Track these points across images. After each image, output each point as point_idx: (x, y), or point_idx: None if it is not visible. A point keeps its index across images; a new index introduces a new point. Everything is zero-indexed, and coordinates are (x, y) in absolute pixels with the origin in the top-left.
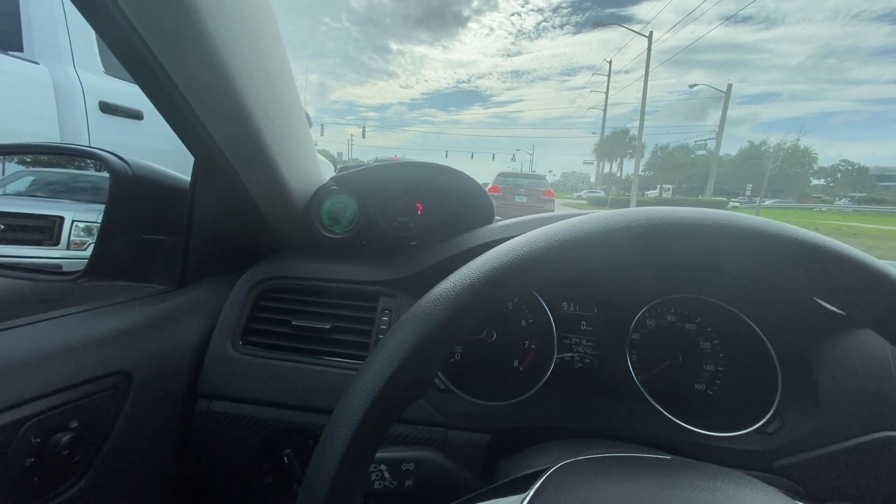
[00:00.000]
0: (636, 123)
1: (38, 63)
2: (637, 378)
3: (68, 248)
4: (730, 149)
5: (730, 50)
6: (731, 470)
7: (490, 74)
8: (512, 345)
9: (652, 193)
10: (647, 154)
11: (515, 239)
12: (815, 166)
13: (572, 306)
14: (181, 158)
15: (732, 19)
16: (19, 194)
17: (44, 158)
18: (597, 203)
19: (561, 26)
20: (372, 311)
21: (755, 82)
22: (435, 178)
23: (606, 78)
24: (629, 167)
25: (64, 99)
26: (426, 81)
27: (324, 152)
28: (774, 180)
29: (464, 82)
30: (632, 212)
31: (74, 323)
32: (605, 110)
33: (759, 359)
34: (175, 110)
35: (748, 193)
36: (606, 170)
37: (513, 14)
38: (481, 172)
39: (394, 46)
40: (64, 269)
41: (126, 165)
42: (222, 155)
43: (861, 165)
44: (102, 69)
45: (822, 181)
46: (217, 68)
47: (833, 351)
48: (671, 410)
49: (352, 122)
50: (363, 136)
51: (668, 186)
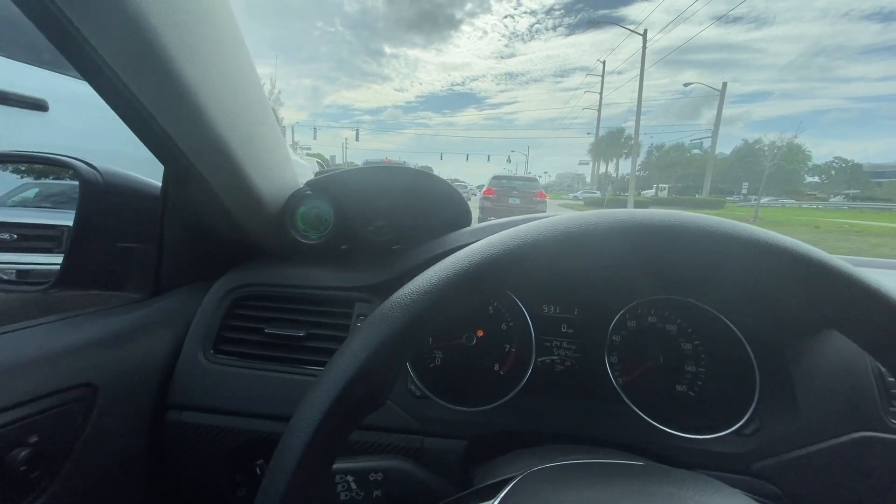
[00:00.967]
0: (631, 123)
1: None
2: (617, 380)
3: None
4: (724, 147)
5: (721, 50)
6: (701, 476)
7: (484, 76)
8: (493, 349)
9: (648, 193)
10: (643, 154)
11: (474, 244)
12: (810, 164)
13: (552, 308)
14: (109, 159)
15: (724, 19)
16: (26, 205)
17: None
18: (593, 203)
19: (554, 28)
20: (347, 318)
21: (747, 81)
22: (410, 183)
23: (600, 78)
24: (625, 167)
25: None
26: (420, 84)
27: (318, 156)
28: (770, 178)
29: (458, 85)
30: (604, 214)
31: (38, 335)
32: (600, 111)
33: (738, 360)
34: (138, 119)
35: (744, 192)
36: (602, 170)
37: (506, 16)
38: (476, 174)
39: (388, 50)
40: (33, 280)
41: (96, 173)
42: (190, 163)
43: (854, 162)
44: None
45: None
46: (173, 77)
47: (810, 352)
48: (651, 413)
49: (346, 126)
50: (356, 139)
51: (665, 186)
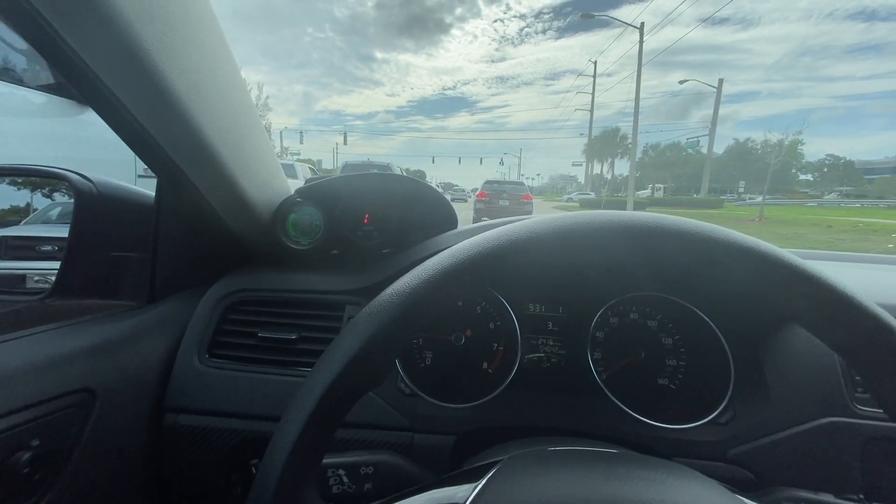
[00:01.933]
0: (625, 123)
1: None
2: (600, 375)
3: None
4: (716, 147)
5: (709, 51)
6: (674, 463)
7: (475, 80)
8: (481, 347)
9: (643, 194)
10: (638, 153)
11: (457, 245)
12: (803, 161)
13: (538, 307)
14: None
15: (710, 21)
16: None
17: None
18: (589, 205)
19: (543, 31)
20: (338, 321)
21: (735, 82)
22: (397, 188)
23: (591, 79)
24: (621, 167)
25: None
26: (412, 89)
27: (308, 161)
28: (763, 176)
29: (449, 89)
30: (581, 216)
31: (38, 342)
32: (592, 111)
33: (715, 352)
34: (129, 130)
35: (741, 190)
36: (597, 171)
37: (496, 20)
38: (469, 177)
39: (379, 55)
40: (31, 289)
41: (90, 184)
42: (181, 172)
43: (847, 159)
44: None
45: (809, 176)
46: (161, 88)
47: (780, 344)
48: (634, 405)
49: (339, 131)
50: (344, 143)
51: (661, 186)
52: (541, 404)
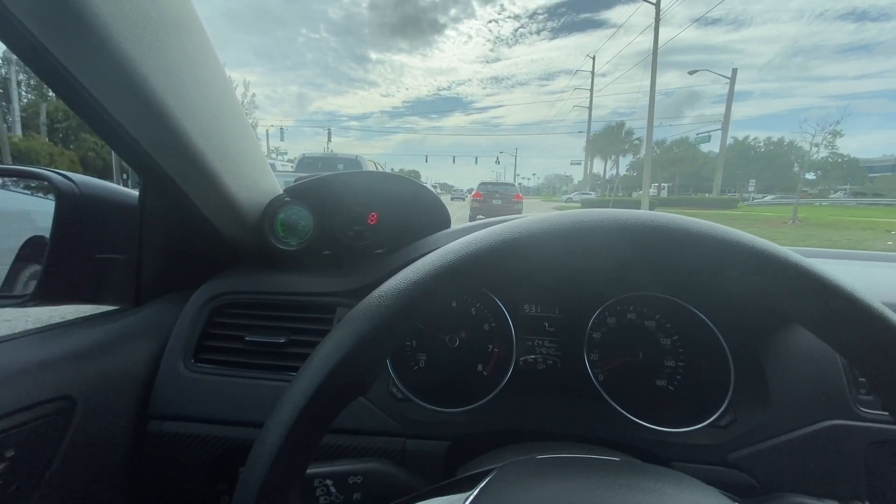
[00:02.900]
0: (631, 119)
1: None
2: (597, 377)
3: None
4: (714, 146)
5: (701, 51)
6: (675, 472)
7: (470, 81)
8: (476, 349)
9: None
10: (642, 150)
11: (448, 245)
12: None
13: (534, 308)
14: None
15: (702, 21)
16: None
17: None
18: (591, 206)
19: (538, 32)
20: (328, 323)
21: (727, 82)
22: (388, 187)
23: (587, 77)
24: (625, 165)
25: None
26: (407, 89)
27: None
28: (764, 175)
29: (444, 89)
30: (568, 215)
31: (16, 347)
32: (591, 107)
33: (714, 353)
34: (109, 131)
35: (751, 189)
36: (597, 169)
37: (490, 21)
38: (465, 178)
39: (373, 56)
40: (12, 294)
41: (72, 184)
42: (164, 173)
43: (851, 157)
44: None
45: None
46: (141, 88)
47: (781, 345)
48: (631, 408)
49: (333, 133)
50: (329, 140)
51: (665, 185)
52: (537, 407)
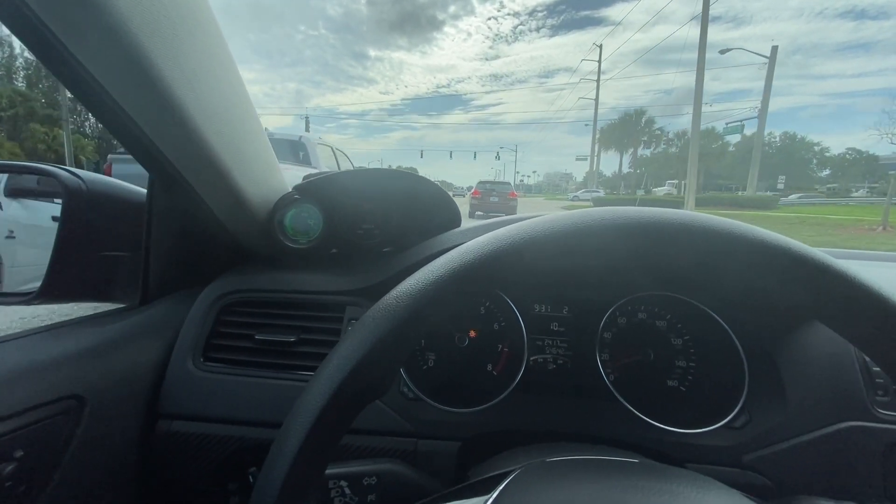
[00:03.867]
0: (650, 107)
1: None
2: (608, 377)
3: None
4: (734, 138)
5: (701, 49)
6: (695, 473)
7: (469, 79)
8: (485, 349)
9: (661, 191)
10: (661, 144)
11: (466, 244)
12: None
13: (544, 307)
14: None
15: (702, 19)
16: None
17: None
18: (604, 205)
19: (537, 30)
20: (338, 322)
21: (727, 80)
22: (399, 185)
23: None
24: (627, 163)
25: None
26: (406, 87)
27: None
28: (778, 172)
29: (443, 87)
30: (582, 214)
31: (23, 347)
32: (597, 98)
33: (727, 354)
34: (121, 127)
35: (780, 186)
36: (613, 162)
37: (489, 18)
38: (464, 176)
39: (372, 53)
40: (18, 291)
41: (80, 181)
42: (175, 170)
43: (870, 153)
44: None
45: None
46: (156, 84)
47: (797, 344)
48: (643, 408)
49: (332, 130)
50: (307, 130)
51: (683, 182)
52: (548, 407)
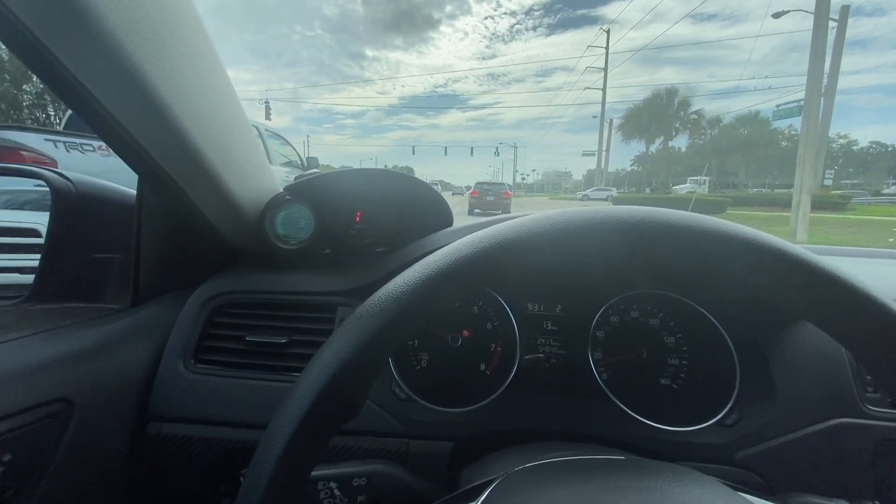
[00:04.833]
0: (675, 87)
1: None
2: (601, 376)
3: None
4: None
5: (697, 47)
6: (683, 468)
7: (466, 78)
8: (478, 348)
9: (683, 189)
10: (685, 133)
11: (454, 243)
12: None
13: (537, 306)
14: None
15: (698, 17)
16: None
17: None
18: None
19: (534, 28)
20: (330, 323)
21: (724, 77)
22: (390, 185)
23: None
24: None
25: None
26: (403, 87)
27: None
28: (788, 165)
29: (440, 86)
30: (573, 213)
31: (10, 350)
32: (605, 88)
33: (719, 352)
34: (106, 127)
35: (828, 184)
36: (635, 151)
37: (486, 17)
38: (462, 175)
39: (369, 53)
40: (6, 293)
41: (69, 183)
42: (163, 171)
43: (895, 147)
44: None
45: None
46: (140, 84)
47: (788, 342)
48: (636, 407)
49: (329, 131)
50: (267, 118)
51: (704, 178)
52: (540, 407)
